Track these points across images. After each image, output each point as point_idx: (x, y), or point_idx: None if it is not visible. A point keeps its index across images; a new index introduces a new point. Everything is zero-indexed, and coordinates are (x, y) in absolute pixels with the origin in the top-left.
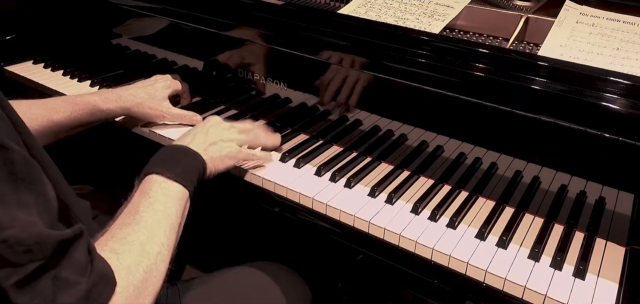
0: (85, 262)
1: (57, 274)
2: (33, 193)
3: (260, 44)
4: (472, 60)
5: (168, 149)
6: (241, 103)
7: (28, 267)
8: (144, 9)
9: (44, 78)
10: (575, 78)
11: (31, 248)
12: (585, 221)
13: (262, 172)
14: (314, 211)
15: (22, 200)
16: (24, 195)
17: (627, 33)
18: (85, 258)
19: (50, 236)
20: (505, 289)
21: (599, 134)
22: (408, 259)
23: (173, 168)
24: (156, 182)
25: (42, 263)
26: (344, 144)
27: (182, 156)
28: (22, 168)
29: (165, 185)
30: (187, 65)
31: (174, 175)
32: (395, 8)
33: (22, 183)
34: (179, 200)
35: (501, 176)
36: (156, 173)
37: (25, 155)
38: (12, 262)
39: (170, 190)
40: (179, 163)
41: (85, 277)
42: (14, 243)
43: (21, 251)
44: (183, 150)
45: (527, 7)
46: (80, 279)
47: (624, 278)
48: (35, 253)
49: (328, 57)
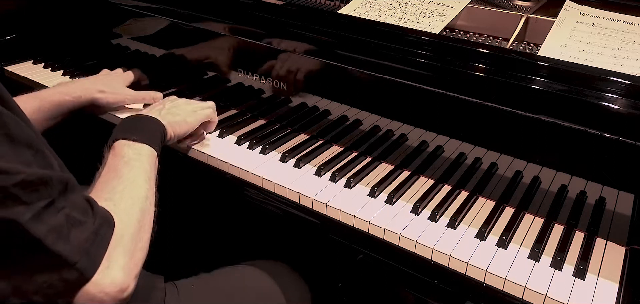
0: (86, 206)
1: (68, 213)
2: (32, 149)
3: (260, 44)
4: (472, 60)
5: (129, 119)
6: (241, 103)
7: (39, 204)
8: (144, 9)
9: (44, 78)
10: (575, 78)
11: (38, 188)
12: (585, 221)
13: (262, 172)
14: (314, 211)
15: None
16: (23, 151)
17: (627, 33)
18: (85, 203)
19: (54, 175)
20: (505, 289)
21: (599, 134)
22: (408, 259)
23: (137, 133)
24: (126, 145)
25: (51, 200)
26: (344, 144)
27: (143, 122)
28: (15, 129)
29: (134, 146)
30: (187, 65)
31: (140, 137)
32: (395, 8)
33: (18, 142)
34: (150, 157)
35: (501, 176)
36: (123, 139)
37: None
38: (24, 201)
39: (140, 150)
40: (142, 128)
41: (90, 217)
42: (24, 185)
43: (31, 191)
44: (142, 117)
45: (527, 7)
46: (87, 219)
47: (624, 278)
48: (42, 192)
49: (328, 58)
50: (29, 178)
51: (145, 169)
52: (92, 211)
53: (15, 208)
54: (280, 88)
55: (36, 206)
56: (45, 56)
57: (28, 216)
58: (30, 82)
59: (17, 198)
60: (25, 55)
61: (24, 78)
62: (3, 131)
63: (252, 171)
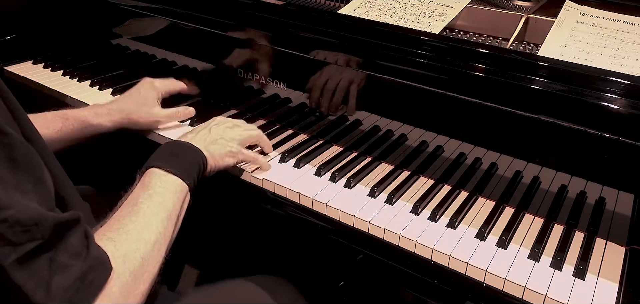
0: (81, 247)
1: (53, 257)
2: (31, 178)
3: (260, 44)
4: (472, 60)
5: (170, 144)
6: (241, 103)
7: (26, 246)
8: (144, 9)
9: (43, 78)
10: (575, 78)
11: (30, 228)
12: (585, 221)
13: (262, 172)
14: (314, 211)
15: (21, 184)
16: (23, 180)
17: (627, 33)
18: (81, 243)
19: (48, 218)
20: (505, 289)
21: (599, 134)
22: (408, 259)
23: (173, 162)
24: (156, 175)
25: (40, 244)
26: (344, 144)
27: (182, 151)
28: (21, 153)
29: (164, 178)
30: (187, 65)
31: (174, 168)
32: (395, 8)
33: (20, 168)
34: (177, 193)
35: (501, 176)
36: (156, 167)
37: (24, 142)
38: (11, 241)
39: (169, 182)
40: (179, 157)
41: (80, 261)
42: (13, 223)
43: (20, 231)
44: (184, 145)
45: (527, 7)
46: (75, 262)
47: (624, 278)
48: (33, 233)
49: (328, 57)
50: (21, 217)
51: (168, 207)
52: (86, 251)
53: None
54: (280, 88)
55: (23, 249)
56: (45, 56)
57: (12, 259)
58: (30, 82)
59: (4, 238)
60: (25, 55)
61: (24, 78)
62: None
63: (252, 172)
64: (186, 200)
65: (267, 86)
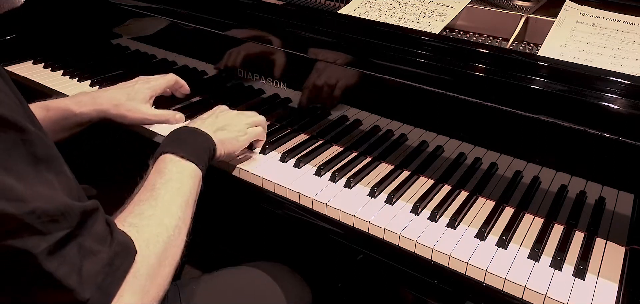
0: (105, 233)
1: (81, 244)
2: (53, 171)
3: (260, 44)
4: (472, 60)
5: (180, 130)
6: (241, 102)
7: (56, 236)
8: (144, 9)
9: (44, 78)
10: (575, 78)
11: (57, 218)
12: (585, 221)
13: (262, 172)
14: (314, 211)
15: (44, 177)
16: (45, 173)
17: (627, 33)
18: (105, 229)
19: (74, 207)
20: (505, 289)
21: (599, 134)
22: (408, 259)
23: (185, 147)
24: (170, 161)
25: (68, 232)
26: (344, 144)
27: (193, 137)
28: (41, 148)
29: (179, 163)
30: (187, 65)
31: (187, 154)
32: (395, 8)
33: (42, 162)
34: (193, 177)
35: (501, 176)
36: (170, 153)
37: (41, 136)
38: (40, 231)
39: (184, 168)
40: (190, 143)
41: (106, 246)
42: (41, 214)
43: (48, 221)
44: (195, 131)
45: (527, 7)
46: (102, 248)
47: (624, 278)
48: (60, 222)
49: (328, 57)
50: (48, 207)
51: (185, 192)
52: (110, 238)
53: (30, 239)
54: (280, 88)
55: (53, 238)
56: (45, 56)
57: (43, 248)
58: (30, 82)
59: (33, 228)
60: (25, 55)
61: (23, 78)
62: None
63: (252, 172)
64: (199, 184)
65: (267, 86)
